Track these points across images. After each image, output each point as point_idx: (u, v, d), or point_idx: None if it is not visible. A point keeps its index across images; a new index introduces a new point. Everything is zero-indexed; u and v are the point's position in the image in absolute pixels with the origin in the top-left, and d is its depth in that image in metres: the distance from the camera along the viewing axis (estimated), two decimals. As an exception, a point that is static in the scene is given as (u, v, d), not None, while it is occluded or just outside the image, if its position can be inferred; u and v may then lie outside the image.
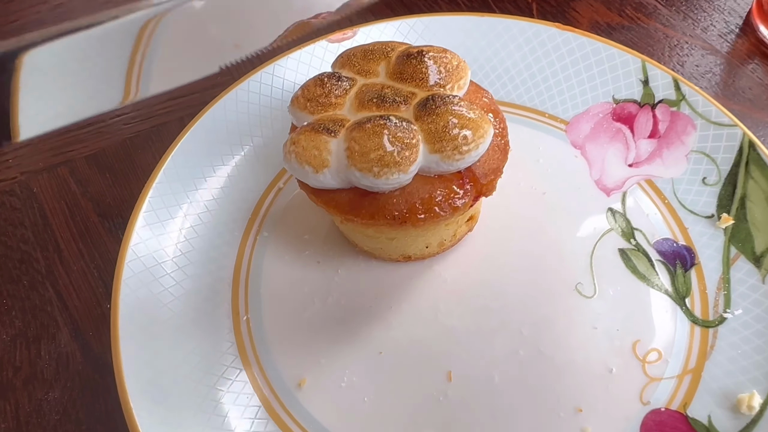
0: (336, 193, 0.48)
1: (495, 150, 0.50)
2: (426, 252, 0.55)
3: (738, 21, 0.77)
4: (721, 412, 0.48)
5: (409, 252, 0.55)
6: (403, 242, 0.53)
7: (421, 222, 0.47)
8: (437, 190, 0.47)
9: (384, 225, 0.48)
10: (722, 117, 0.60)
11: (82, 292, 0.58)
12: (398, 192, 0.47)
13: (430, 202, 0.47)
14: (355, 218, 0.48)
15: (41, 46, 0.73)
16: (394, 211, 0.47)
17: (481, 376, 0.51)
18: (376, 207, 0.47)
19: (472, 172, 0.48)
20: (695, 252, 0.56)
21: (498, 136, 0.51)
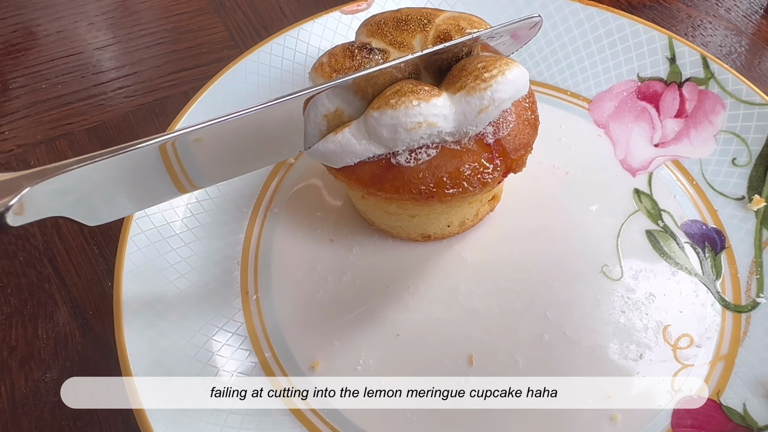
0: (358, 167, 0.46)
1: (525, 124, 0.47)
2: (447, 231, 0.53)
3: (762, 1, 0.75)
4: (757, 400, 0.46)
5: (429, 231, 0.52)
6: (425, 220, 0.50)
7: (449, 197, 0.44)
8: (465, 164, 0.45)
9: (409, 200, 0.45)
10: (753, 96, 0.58)
11: (82, 270, 0.56)
12: (424, 165, 0.44)
13: (458, 176, 0.44)
14: (379, 192, 0.45)
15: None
16: (420, 186, 0.44)
17: (504, 360, 0.48)
18: (401, 181, 0.44)
19: (502, 146, 0.45)
20: (725, 235, 0.54)
21: (528, 110, 0.48)
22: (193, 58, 0.71)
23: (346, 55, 0.47)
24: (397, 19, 0.49)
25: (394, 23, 0.48)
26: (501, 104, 0.45)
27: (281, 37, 0.62)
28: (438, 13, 0.50)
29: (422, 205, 0.46)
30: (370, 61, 0.46)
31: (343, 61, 0.46)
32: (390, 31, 0.48)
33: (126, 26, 0.74)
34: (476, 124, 0.44)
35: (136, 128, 0.65)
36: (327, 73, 0.46)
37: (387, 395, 0.47)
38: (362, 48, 0.47)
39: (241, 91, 0.59)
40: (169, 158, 0.40)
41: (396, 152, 0.45)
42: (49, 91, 0.68)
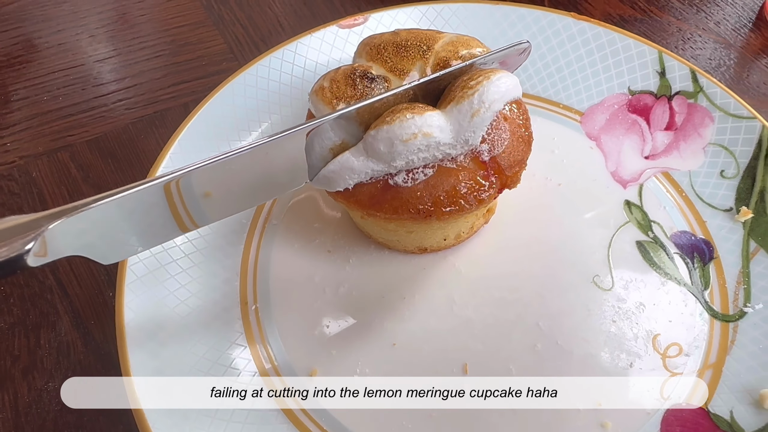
0: (356, 189, 0.46)
1: (519, 141, 0.49)
2: (443, 244, 0.54)
3: (751, 15, 0.76)
4: (744, 407, 0.47)
5: (425, 244, 0.54)
6: (422, 235, 0.52)
7: (447, 215, 0.45)
8: (462, 182, 0.46)
9: (407, 219, 0.46)
10: (741, 109, 0.59)
11: (84, 280, 0.56)
12: (422, 185, 0.45)
13: (455, 194, 0.46)
14: (378, 213, 0.46)
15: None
16: (418, 205, 0.45)
17: (498, 368, 0.49)
18: (399, 201, 0.45)
19: (497, 163, 0.47)
20: (714, 245, 0.55)
21: (521, 127, 0.49)
22: (193, 71, 0.72)
23: (347, 83, 0.47)
24: (396, 44, 0.50)
25: (393, 48, 0.49)
26: (492, 105, 0.46)
27: (279, 51, 0.63)
28: (437, 36, 0.51)
29: (420, 224, 0.47)
30: (372, 90, 0.47)
31: (345, 88, 0.47)
32: (390, 57, 0.49)
33: (126, 39, 0.75)
34: (473, 130, 0.45)
35: (137, 140, 0.66)
36: (328, 98, 0.47)
37: (383, 403, 0.48)
38: (364, 76, 0.47)
39: (240, 104, 0.61)
40: (173, 197, 0.41)
41: (393, 173, 0.45)
42: (50, 103, 0.69)
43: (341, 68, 0.49)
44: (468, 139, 0.46)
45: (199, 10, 0.78)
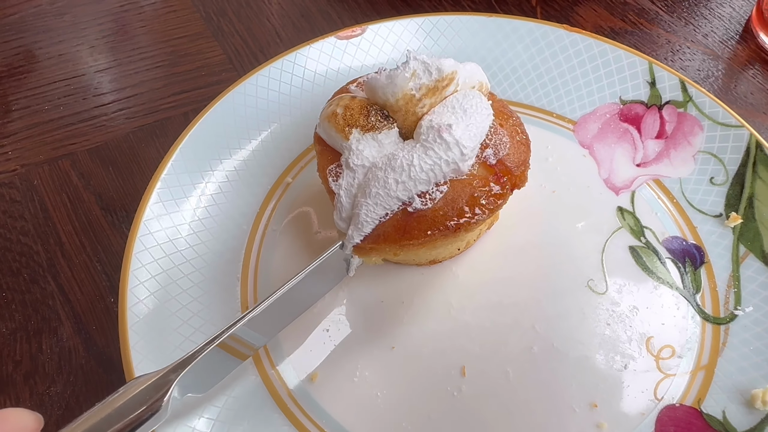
0: (378, 230, 0.47)
1: (518, 144, 0.50)
2: (454, 253, 0.55)
3: (738, 28, 0.78)
4: (736, 407, 0.48)
5: (439, 257, 0.55)
6: (440, 249, 0.52)
7: (475, 224, 0.47)
8: (477, 190, 0.47)
9: (440, 238, 0.47)
10: (729, 118, 0.61)
11: (85, 286, 0.57)
12: (441, 203, 0.46)
13: (475, 202, 0.47)
14: (411, 241, 0.46)
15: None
16: (447, 222, 0.46)
17: (495, 371, 0.50)
18: (426, 223, 0.46)
19: (505, 164, 0.48)
20: (704, 250, 0.56)
21: (517, 131, 0.51)
22: (192, 81, 0.73)
23: (362, 112, 0.48)
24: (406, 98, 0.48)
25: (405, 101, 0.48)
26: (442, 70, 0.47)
27: (279, 61, 0.65)
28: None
29: (452, 239, 0.49)
30: (383, 126, 0.48)
31: (359, 117, 0.48)
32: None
33: (126, 50, 0.76)
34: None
35: (137, 148, 0.67)
36: (340, 126, 0.48)
37: (383, 405, 0.48)
38: (379, 111, 0.48)
39: (241, 113, 0.62)
40: (228, 345, 0.45)
41: (408, 201, 0.46)
42: (51, 112, 0.70)
43: (356, 99, 0.49)
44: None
45: (198, 22, 0.79)
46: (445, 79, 0.48)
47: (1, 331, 0.54)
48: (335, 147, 0.50)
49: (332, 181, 0.48)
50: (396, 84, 0.47)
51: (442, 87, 0.48)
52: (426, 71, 0.47)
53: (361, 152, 0.47)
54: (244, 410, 0.48)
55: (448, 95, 0.49)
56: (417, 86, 0.47)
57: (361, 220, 0.46)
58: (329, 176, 0.49)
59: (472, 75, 0.51)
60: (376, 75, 0.48)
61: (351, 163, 0.47)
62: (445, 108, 0.48)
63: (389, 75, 0.47)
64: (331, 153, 0.50)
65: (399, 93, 0.47)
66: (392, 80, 0.47)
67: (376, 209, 0.46)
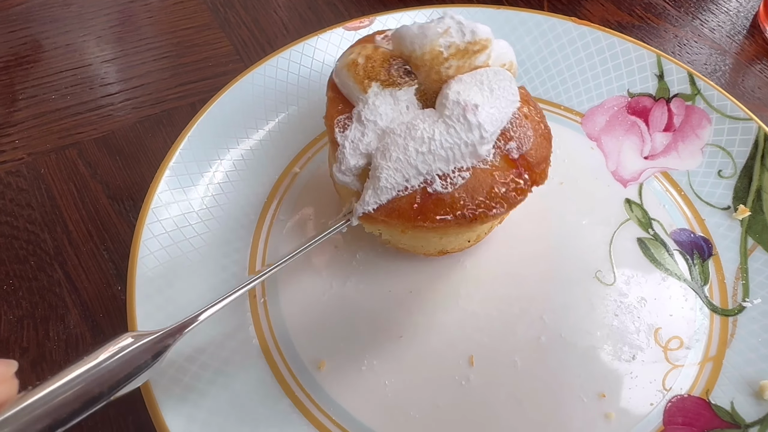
0: (394, 203, 0.45)
1: (541, 138, 0.49)
2: (465, 245, 0.55)
3: (745, 23, 0.78)
4: (744, 398, 0.48)
5: (448, 248, 0.54)
6: (450, 239, 0.52)
7: (492, 217, 0.46)
8: (499, 182, 0.46)
9: (453, 226, 0.46)
10: (737, 111, 0.61)
11: (92, 274, 0.57)
12: (461, 190, 0.45)
13: (494, 196, 0.45)
14: (425, 223, 0.45)
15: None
16: (463, 210, 0.45)
17: (503, 361, 0.50)
18: (443, 208, 0.45)
19: (527, 160, 0.47)
20: (712, 242, 0.56)
21: (540, 123, 0.50)
22: (199, 71, 0.73)
23: (384, 65, 0.46)
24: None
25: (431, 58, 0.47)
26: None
27: (287, 51, 0.65)
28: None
29: (465, 229, 0.48)
30: (404, 83, 0.46)
31: (380, 70, 0.46)
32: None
33: (132, 40, 0.76)
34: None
35: (144, 138, 0.66)
36: (360, 76, 0.46)
37: (391, 393, 0.48)
38: (401, 66, 0.47)
39: (248, 102, 0.62)
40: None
41: (430, 180, 0.45)
42: (58, 101, 0.70)
43: (379, 49, 0.48)
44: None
45: (205, 13, 0.79)
46: (477, 44, 0.46)
47: (8, 318, 0.54)
48: (349, 97, 0.48)
49: (338, 131, 0.47)
50: (426, 36, 0.45)
51: (472, 51, 0.46)
52: (459, 31, 0.46)
53: (377, 108, 0.46)
54: (251, 397, 0.48)
55: (479, 65, 0.47)
56: (447, 44, 0.46)
57: (381, 185, 0.45)
58: (336, 126, 0.47)
59: (505, 52, 0.49)
60: (407, 24, 0.47)
61: (363, 117, 0.46)
62: (473, 81, 0.46)
63: (421, 26, 0.46)
64: (342, 102, 0.48)
65: (427, 46, 0.46)
66: (424, 31, 0.45)
67: (396, 175, 0.44)
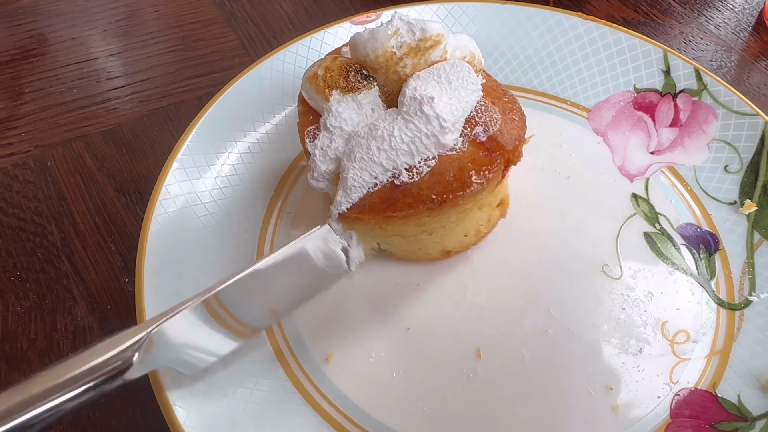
0: (365, 199, 0.47)
1: (511, 121, 0.49)
2: (465, 242, 0.55)
3: (750, 19, 0.78)
4: (751, 391, 0.48)
5: (448, 245, 0.54)
6: (443, 234, 0.52)
7: (461, 198, 0.46)
8: (467, 163, 0.46)
9: (424, 212, 0.46)
10: (744, 106, 0.61)
11: (99, 266, 0.57)
12: (428, 177, 0.46)
13: (462, 176, 0.46)
14: (395, 213, 0.46)
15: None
16: (431, 195, 0.46)
17: (510, 353, 0.50)
18: (411, 196, 0.46)
19: (496, 140, 0.47)
20: (719, 237, 0.57)
21: (511, 108, 0.50)
22: (206, 65, 0.73)
23: (342, 74, 0.48)
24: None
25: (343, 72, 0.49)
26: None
27: (294, 45, 0.65)
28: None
29: (438, 215, 0.48)
30: (363, 87, 0.48)
31: (338, 79, 0.48)
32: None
33: (139, 34, 0.76)
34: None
35: (151, 131, 0.67)
36: (320, 87, 0.48)
37: (399, 386, 0.48)
38: (358, 72, 0.48)
39: (256, 96, 0.62)
40: (216, 312, 0.45)
41: (397, 174, 0.46)
42: (65, 94, 0.70)
43: (337, 59, 0.50)
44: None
45: (211, 7, 0.79)
46: (428, 40, 0.47)
47: (16, 309, 0.55)
48: (317, 108, 0.50)
49: (309, 141, 0.49)
50: (377, 39, 0.47)
51: (425, 48, 0.47)
52: (409, 31, 0.47)
53: (340, 114, 0.47)
54: (259, 389, 0.48)
55: (436, 61, 0.48)
56: (398, 44, 0.47)
57: (348, 185, 0.46)
58: (306, 137, 0.49)
59: (464, 46, 0.50)
60: (359, 32, 0.48)
61: (328, 124, 0.48)
62: (431, 75, 0.47)
63: (371, 31, 0.47)
64: (312, 113, 0.50)
65: (379, 49, 0.47)
66: (374, 35, 0.47)
67: (362, 174, 0.46)
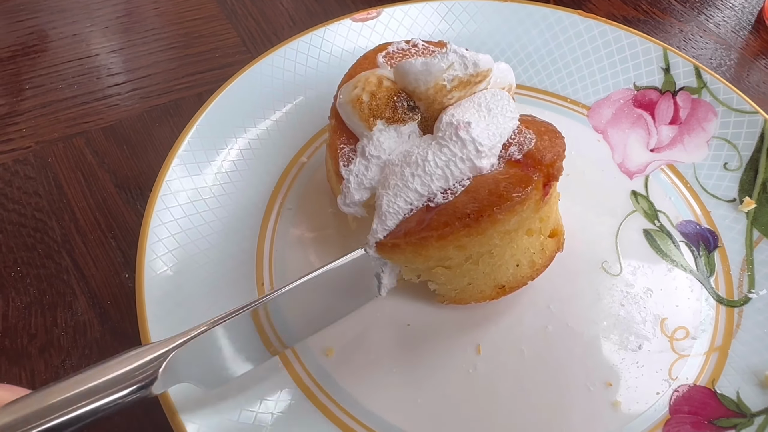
0: (402, 226, 0.46)
1: (547, 136, 0.49)
2: (519, 274, 0.51)
3: (750, 18, 0.78)
4: (750, 388, 0.48)
5: (501, 279, 0.51)
6: (490, 264, 0.49)
7: (498, 213, 0.44)
8: (502, 180, 0.46)
9: (461, 229, 0.45)
10: (743, 104, 0.61)
11: (100, 262, 0.57)
12: (462, 195, 0.45)
13: (497, 190, 0.45)
14: (430, 233, 0.45)
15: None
16: (465, 210, 0.44)
17: (510, 349, 0.50)
18: (446, 214, 0.45)
19: (533, 157, 0.47)
20: (718, 234, 0.57)
21: (546, 131, 0.50)
22: (206, 62, 0.73)
23: (389, 103, 0.47)
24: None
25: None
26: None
27: (294, 42, 0.65)
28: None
29: (477, 235, 0.46)
30: (409, 119, 0.47)
31: (385, 109, 0.47)
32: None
33: (140, 31, 0.76)
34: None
35: (152, 128, 0.67)
36: (365, 115, 0.47)
37: (398, 381, 0.49)
38: (407, 103, 0.48)
39: (257, 92, 0.62)
40: (261, 321, 0.45)
41: (432, 197, 0.46)
42: (65, 91, 0.70)
43: (383, 84, 0.48)
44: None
45: (212, 4, 0.79)
46: (479, 75, 0.47)
47: (17, 304, 0.55)
48: (353, 130, 0.49)
49: (343, 165, 0.48)
50: (431, 73, 0.46)
51: (475, 82, 0.47)
52: (463, 64, 0.47)
53: (381, 144, 0.47)
54: (258, 383, 0.48)
55: (478, 91, 0.48)
56: (450, 77, 0.46)
57: (383, 211, 0.46)
58: (341, 159, 0.48)
59: (505, 76, 0.50)
60: (411, 60, 0.47)
61: (367, 153, 0.47)
62: (471, 103, 0.47)
63: (425, 63, 0.46)
64: (345, 133, 0.50)
65: (431, 82, 0.46)
66: (428, 68, 0.46)
67: (397, 201, 0.46)
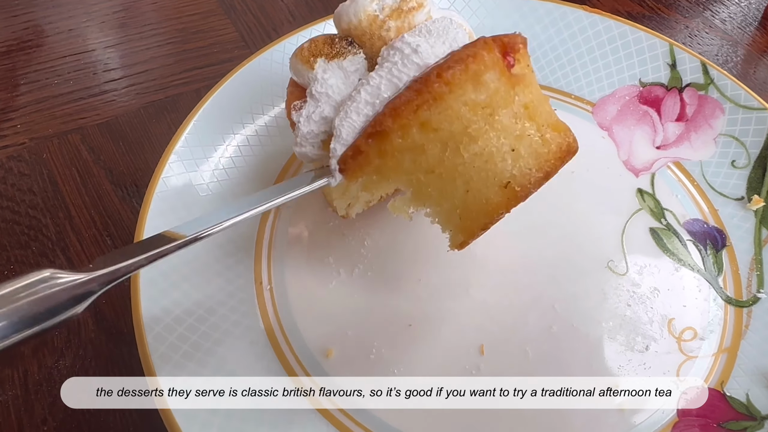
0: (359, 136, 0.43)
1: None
2: (522, 166, 0.43)
3: (756, 14, 0.77)
4: (760, 390, 0.47)
5: (500, 172, 0.42)
6: (476, 151, 0.42)
7: (446, 69, 0.40)
8: (453, 54, 0.42)
9: (413, 97, 0.40)
10: (752, 101, 0.60)
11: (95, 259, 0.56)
12: (411, 83, 0.42)
13: (452, 56, 0.41)
14: (384, 116, 0.41)
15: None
16: (432, 75, 0.40)
17: (514, 350, 0.49)
18: (406, 95, 0.41)
19: (482, 39, 0.43)
20: (726, 233, 0.56)
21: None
22: (204, 58, 0.72)
23: (326, 42, 0.48)
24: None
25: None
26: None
27: (294, 36, 0.63)
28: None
29: (435, 102, 0.41)
30: (348, 52, 0.48)
31: (323, 47, 0.48)
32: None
33: (136, 26, 0.75)
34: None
35: (148, 124, 0.65)
36: (306, 57, 0.48)
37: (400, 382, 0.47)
38: (343, 38, 0.48)
39: (256, 87, 0.61)
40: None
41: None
42: (61, 86, 0.69)
43: (323, 35, 0.50)
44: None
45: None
46: (410, 1, 0.47)
47: (9, 303, 0.53)
48: (303, 83, 0.49)
49: (294, 112, 0.48)
50: (358, 3, 0.47)
51: (407, 9, 0.47)
52: None
53: (326, 81, 0.47)
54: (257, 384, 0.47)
55: (418, 23, 0.47)
56: (380, 7, 0.47)
57: (337, 127, 0.44)
58: (293, 110, 0.48)
59: (452, 16, 0.49)
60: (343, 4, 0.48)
61: (314, 92, 0.47)
62: (411, 33, 0.46)
63: None
64: (299, 91, 0.49)
65: (361, 13, 0.47)
66: (355, 0, 0.47)
67: (349, 115, 0.44)
